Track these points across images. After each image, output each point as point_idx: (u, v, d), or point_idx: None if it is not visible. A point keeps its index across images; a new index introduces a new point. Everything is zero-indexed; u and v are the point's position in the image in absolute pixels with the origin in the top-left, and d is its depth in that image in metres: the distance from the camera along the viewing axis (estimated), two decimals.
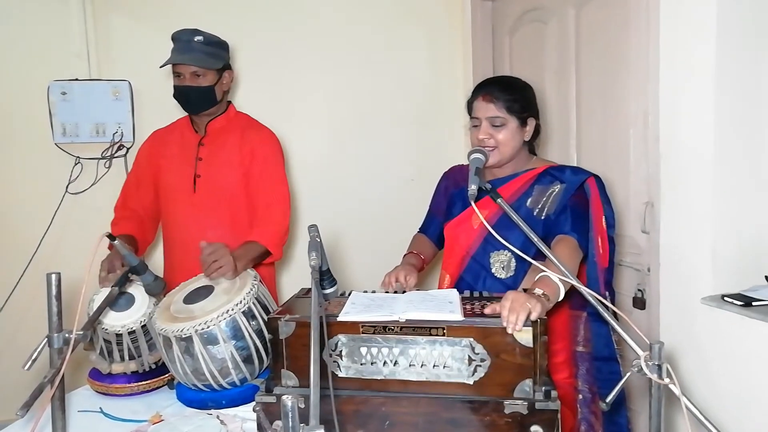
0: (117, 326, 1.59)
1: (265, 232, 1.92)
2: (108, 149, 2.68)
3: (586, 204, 1.63)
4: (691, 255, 1.73)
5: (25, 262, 2.58)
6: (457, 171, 1.88)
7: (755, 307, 1.54)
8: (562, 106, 2.39)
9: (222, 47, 2.02)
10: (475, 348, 1.26)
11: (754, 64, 1.66)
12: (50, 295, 1.25)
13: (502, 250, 1.66)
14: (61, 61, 2.64)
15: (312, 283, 1.21)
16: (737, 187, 1.68)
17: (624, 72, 2.05)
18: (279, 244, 1.95)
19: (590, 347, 1.62)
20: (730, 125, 1.66)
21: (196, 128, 2.07)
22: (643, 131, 1.95)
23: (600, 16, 2.18)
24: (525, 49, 2.65)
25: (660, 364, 1.09)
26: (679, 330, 1.78)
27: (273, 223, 1.95)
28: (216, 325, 1.50)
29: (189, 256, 2.00)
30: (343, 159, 2.94)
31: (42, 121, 2.62)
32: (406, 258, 1.83)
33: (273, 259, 1.98)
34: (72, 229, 2.66)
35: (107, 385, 1.64)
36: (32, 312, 2.59)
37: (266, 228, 1.93)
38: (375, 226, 2.90)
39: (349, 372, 1.32)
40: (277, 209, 1.98)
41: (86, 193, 2.70)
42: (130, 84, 2.68)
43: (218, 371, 1.52)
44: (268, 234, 1.91)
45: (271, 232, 1.93)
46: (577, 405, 1.61)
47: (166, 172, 2.06)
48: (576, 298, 1.58)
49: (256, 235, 1.89)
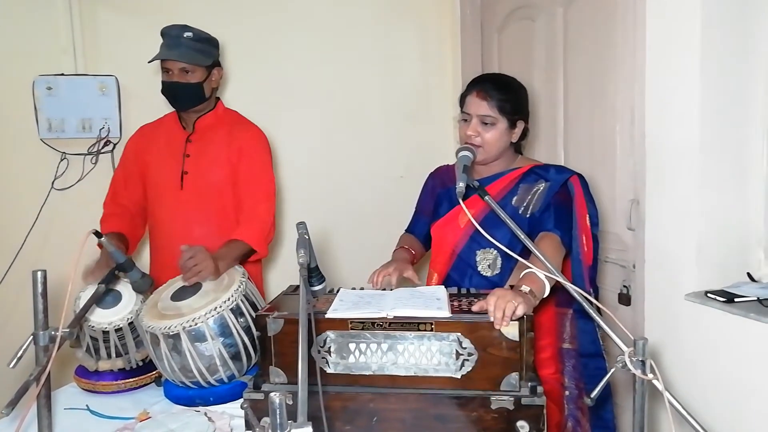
0: (104, 323, 1.59)
1: (249, 229, 1.91)
2: (94, 145, 2.65)
3: (570, 202, 1.64)
4: (676, 251, 1.75)
5: (11, 259, 2.55)
6: (444, 171, 1.89)
7: (737, 304, 1.56)
8: (550, 103, 2.41)
9: (211, 44, 2.01)
10: (463, 342, 1.28)
11: (739, 61, 1.68)
12: (36, 292, 1.24)
13: (488, 249, 1.68)
14: (47, 55, 2.61)
15: (300, 281, 1.21)
16: (722, 185, 1.70)
17: (611, 69, 2.07)
18: (263, 242, 1.94)
19: (576, 344, 1.64)
20: (716, 122, 1.67)
21: (183, 125, 2.06)
22: (630, 128, 1.96)
23: (588, 14, 2.20)
24: (514, 47, 2.66)
25: (644, 360, 1.11)
26: (663, 326, 1.79)
27: (257, 221, 1.95)
28: (204, 322, 1.50)
29: (176, 254, 1.97)
30: (332, 156, 2.93)
31: (27, 116, 2.59)
32: (396, 253, 1.83)
33: (258, 256, 1.98)
34: (58, 225, 2.64)
35: (94, 382, 1.64)
36: (18, 309, 2.56)
37: (250, 226, 1.93)
38: (364, 223, 2.89)
39: (338, 368, 1.33)
40: (261, 207, 1.98)
41: (72, 189, 2.67)
42: (117, 79, 2.65)
43: (206, 368, 1.52)
44: (251, 232, 1.90)
45: (254, 230, 1.92)
46: (563, 401, 1.62)
47: (153, 168, 2.05)
48: (562, 295, 1.59)
49: (239, 233, 1.88)
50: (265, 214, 1.97)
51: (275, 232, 2.04)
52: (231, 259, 1.77)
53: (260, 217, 1.96)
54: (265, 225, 1.96)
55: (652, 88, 1.81)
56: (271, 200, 2.01)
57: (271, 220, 1.99)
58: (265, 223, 1.96)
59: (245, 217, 1.97)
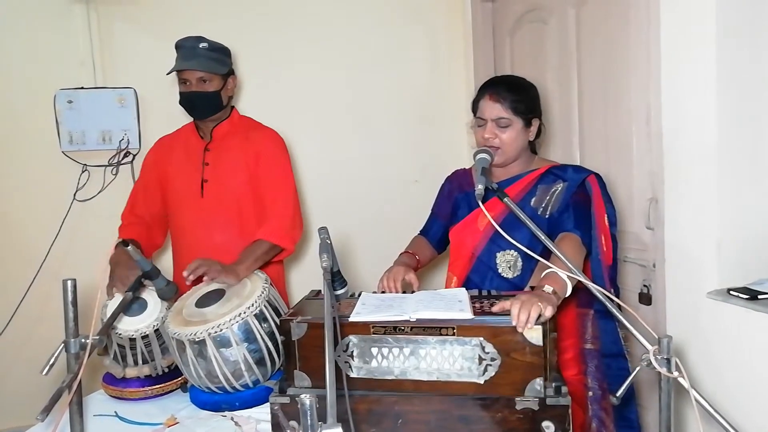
0: (130, 331, 1.61)
1: (269, 227, 1.92)
2: (114, 156, 2.70)
3: (588, 201, 1.64)
4: (697, 250, 1.74)
5: (35, 270, 2.60)
6: (461, 175, 1.90)
7: (761, 300, 1.56)
8: (564, 104, 2.41)
9: (225, 53, 2.04)
10: (486, 347, 1.28)
11: (755, 57, 1.67)
12: (66, 300, 1.27)
13: (508, 250, 1.68)
14: (67, 69, 2.66)
15: (324, 284, 1.23)
16: (741, 181, 1.69)
17: (625, 69, 2.07)
18: (285, 237, 1.94)
19: (598, 344, 1.63)
20: (733, 119, 1.67)
21: (201, 134, 2.09)
22: (646, 128, 1.96)
23: (600, 15, 2.20)
24: (526, 49, 2.67)
25: (669, 358, 1.11)
26: (686, 324, 1.79)
27: (276, 217, 1.95)
28: (229, 328, 1.52)
29: None
30: (346, 162, 2.95)
31: (49, 129, 2.65)
32: (400, 258, 1.82)
33: (285, 254, 1.98)
34: (80, 236, 2.69)
35: (121, 389, 1.66)
36: (43, 319, 2.61)
37: (270, 223, 1.94)
38: (378, 227, 2.91)
39: (361, 372, 1.34)
40: (280, 204, 1.98)
41: (94, 201, 2.72)
42: (136, 91, 2.70)
43: (231, 373, 1.54)
44: (269, 228, 1.91)
45: (273, 227, 1.93)
46: (587, 402, 1.62)
47: (173, 178, 2.08)
48: (582, 296, 1.59)
49: (260, 233, 1.90)
50: (283, 209, 1.97)
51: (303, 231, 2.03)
52: (251, 261, 1.79)
53: (277, 212, 1.96)
54: (284, 219, 1.95)
55: (668, 87, 1.81)
56: (287, 195, 2.00)
57: (290, 213, 1.98)
58: (284, 217, 1.96)
59: (265, 217, 1.98)
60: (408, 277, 1.66)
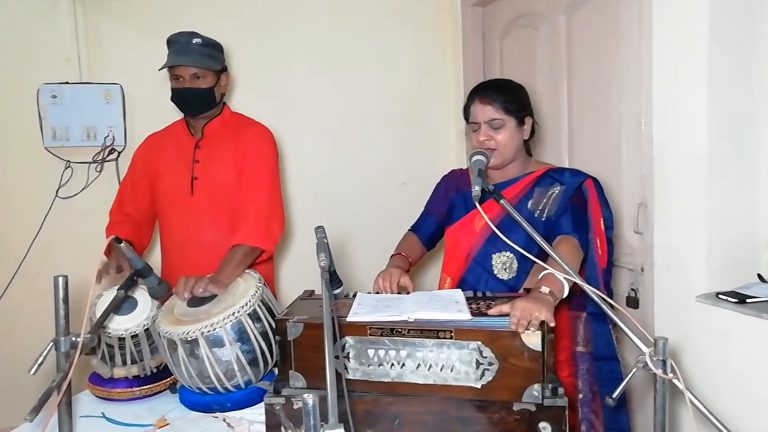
0: (120, 330, 1.58)
1: (245, 230, 1.86)
2: (99, 153, 2.65)
3: (585, 205, 1.66)
4: (685, 254, 1.77)
5: (15, 267, 2.54)
6: (458, 175, 1.90)
7: (749, 304, 1.58)
8: (554, 110, 2.43)
9: (218, 49, 2.02)
10: (483, 351, 1.26)
11: (745, 64, 1.71)
12: (57, 297, 1.24)
13: (503, 252, 1.69)
14: (52, 64, 2.61)
15: (322, 284, 1.22)
16: (730, 186, 1.72)
17: (615, 75, 2.10)
18: (263, 238, 1.87)
19: (591, 347, 1.65)
20: (723, 125, 1.70)
21: (192, 131, 2.06)
22: (636, 133, 1.99)
23: (591, 22, 2.23)
24: (516, 54, 2.69)
25: (664, 360, 1.12)
26: (675, 328, 1.81)
27: (252, 218, 1.89)
28: (222, 327, 1.50)
29: (187, 259, 2.00)
30: (334, 163, 2.94)
31: (32, 124, 2.58)
32: (393, 260, 1.81)
33: (266, 254, 1.93)
34: (62, 234, 2.63)
35: (108, 389, 1.63)
36: (22, 317, 2.55)
37: (245, 226, 1.87)
38: (366, 229, 2.90)
39: (357, 374, 1.33)
40: (254, 204, 1.91)
41: (77, 198, 2.66)
42: (122, 87, 2.65)
43: (223, 374, 1.52)
44: (246, 232, 1.85)
45: (250, 229, 1.86)
46: (577, 404, 1.63)
47: (163, 175, 2.05)
48: (576, 298, 1.60)
49: (237, 237, 1.85)
50: (257, 209, 1.90)
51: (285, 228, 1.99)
52: (232, 267, 1.74)
53: (252, 212, 1.90)
54: (259, 219, 1.89)
55: (659, 93, 1.84)
56: (263, 194, 1.93)
57: (265, 212, 1.91)
58: (259, 217, 1.89)
59: (240, 218, 1.91)
60: (403, 280, 1.64)
